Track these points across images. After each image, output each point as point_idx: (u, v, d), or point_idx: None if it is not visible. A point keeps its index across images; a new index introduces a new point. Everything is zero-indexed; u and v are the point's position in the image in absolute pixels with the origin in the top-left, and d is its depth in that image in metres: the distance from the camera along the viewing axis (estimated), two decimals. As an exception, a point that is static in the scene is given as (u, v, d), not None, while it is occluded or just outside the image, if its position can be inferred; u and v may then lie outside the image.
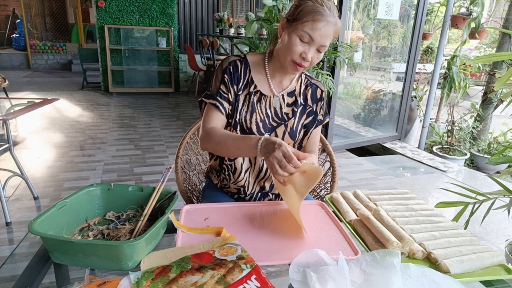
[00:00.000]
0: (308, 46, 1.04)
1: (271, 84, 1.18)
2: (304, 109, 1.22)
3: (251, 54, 1.20)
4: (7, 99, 2.99)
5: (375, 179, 3.20)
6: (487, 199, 1.48)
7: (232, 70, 1.15)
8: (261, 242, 0.88)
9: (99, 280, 0.70)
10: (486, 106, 4.16)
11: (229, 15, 6.84)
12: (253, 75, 1.17)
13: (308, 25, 1.02)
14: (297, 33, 1.03)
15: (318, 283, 0.70)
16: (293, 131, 1.20)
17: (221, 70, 1.16)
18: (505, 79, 1.41)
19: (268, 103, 1.18)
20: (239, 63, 1.16)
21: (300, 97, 1.21)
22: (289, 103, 1.20)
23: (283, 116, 1.20)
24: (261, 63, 1.18)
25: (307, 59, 1.05)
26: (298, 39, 1.04)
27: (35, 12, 9.24)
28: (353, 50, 4.19)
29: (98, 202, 0.97)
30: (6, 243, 2.04)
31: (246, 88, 1.17)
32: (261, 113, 1.18)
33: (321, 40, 1.03)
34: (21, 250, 0.87)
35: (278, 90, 1.19)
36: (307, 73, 1.26)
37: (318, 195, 1.49)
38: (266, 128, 1.18)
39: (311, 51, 1.05)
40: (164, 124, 4.59)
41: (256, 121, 1.16)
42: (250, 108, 1.16)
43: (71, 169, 3.05)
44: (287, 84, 1.20)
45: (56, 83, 7.03)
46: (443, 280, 0.76)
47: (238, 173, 1.22)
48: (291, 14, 1.07)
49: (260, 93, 1.17)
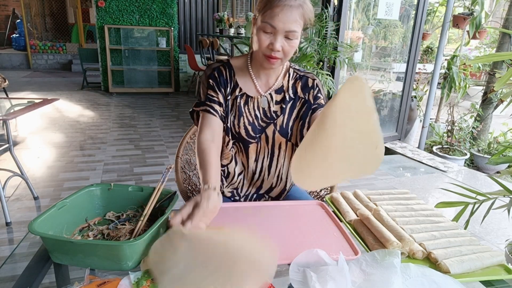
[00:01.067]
0: (273, 36, 1.00)
1: (257, 84, 1.15)
2: (295, 103, 1.18)
3: (234, 58, 1.19)
4: (7, 99, 2.99)
5: (375, 179, 3.20)
6: (487, 199, 1.48)
7: (217, 75, 1.13)
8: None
9: (99, 280, 0.70)
10: (486, 106, 4.15)
11: (229, 15, 6.84)
12: (237, 78, 1.15)
13: (267, 14, 0.98)
14: (260, 26, 1.00)
15: (318, 283, 0.70)
16: (283, 129, 1.17)
17: (205, 77, 1.15)
18: (505, 79, 1.41)
19: (256, 104, 1.16)
20: (223, 68, 1.14)
21: (288, 92, 1.17)
22: (278, 100, 1.17)
23: (272, 115, 1.17)
24: (245, 65, 1.16)
25: (276, 49, 1.00)
26: (262, 31, 1.00)
27: (35, 12, 9.23)
28: (353, 50, 4.19)
29: (98, 202, 0.97)
30: (6, 243, 2.04)
31: (233, 93, 1.15)
32: (249, 116, 1.16)
33: (284, 25, 0.97)
34: (21, 250, 0.88)
35: (264, 89, 1.16)
36: (296, 67, 1.22)
37: (318, 195, 1.49)
38: (256, 130, 1.16)
39: (278, 40, 0.99)
40: (164, 124, 4.59)
41: (244, 125, 1.15)
42: (237, 112, 1.14)
43: (71, 169, 3.05)
44: (273, 81, 1.17)
45: (56, 83, 7.03)
46: (443, 280, 0.76)
47: (232, 177, 1.23)
48: (256, 9, 1.04)
49: (246, 95, 1.15)
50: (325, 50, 3.13)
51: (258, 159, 1.21)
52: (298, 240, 0.90)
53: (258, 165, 1.22)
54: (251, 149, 1.18)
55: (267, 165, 1.22)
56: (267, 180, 1.24)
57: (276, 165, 1.23)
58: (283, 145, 1.20)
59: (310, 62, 2.98)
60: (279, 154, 1.21)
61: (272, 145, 1.19)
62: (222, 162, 1.21)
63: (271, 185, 1.26)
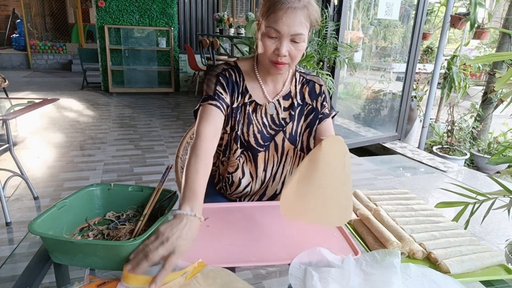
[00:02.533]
0: (278, 40, 0.96)
1: (265, 90, 1.11)
2: (303, 109, 1.15)
3: (241, 61, 1.14)
4: (7, 99, 2.99)
5: (375, 179, 3.20)
6: (487, 199, 1.48)
7: (228, 75, 1.09)
8: (261, 242, 0.88)
9: (99, 280, 0.70)
10: (486, 106, 4.16)
11: (229, 15, 6.84)
12: (247, 83, 1.11)
13: (271, 18, 0.94)
14: (264, 31, 0.97)
15: (319, 283, 0.70)
16: (292, 136, 1.14)
17: (214, 75, 1.09)
18: (505, 79, 1.41)
19: (263, 111, 1.12)
20: (232, 72, 1.10)
21: (296, 98, 1.14)
22: (286, 107, 1.13)
23: (281, 122, 1.13)
24: (252, 70, 1.12)
25: (282, 54, 0.96)
26: (267, 37, 0.97)
27: (35, 12, 9.23)
28: (353, 50, 4.19)
29: (98, 202, 0.97)
30: (6, 243, 2.04)
31: (242, 99, 1.10)
32: (258, 124, 1.12)
33: (289, 29, 0.93)
34: (21, 250, 0.88)
35: (272, 96, 1.12)
36: (301, 70, 1.18)
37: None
38: (264, 138, 1.12)
39: (284, 45, 0.95)
40: (164, 124, 4.59)
41: (253, 133, 1.11)
42: (247, 120, 1.10)
43: (71, 169, 3.05)
44: (280, 87, 1.13)
45: (56, 83, 7.03)
46: (443, 280, 0.76)
47: (236, 186, 1.18)
48: (260, 13, 1.00)
49: (255, 103, 1.11)
50: (325, 50, 3.13)
51: (267, 168, 1.17)
52: (298, 240, 0.90)
53: (266, 175, 1.17)
54: (260, 158, 1.14)
55: (274, 173, 1.18)
56: (271, 187, 1.21)
57: (282, 172, 1.19)
58: (290, 152, 1.16)
59: (310, 62, 2.98)
60: (285, 161, 1.17)
61: (281, 153, 1.16)
62: (228, 170, 1.16)
63: (274, 192, 1.22)
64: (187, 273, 0.73)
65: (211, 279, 0.71)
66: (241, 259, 0.81)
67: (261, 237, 0.90)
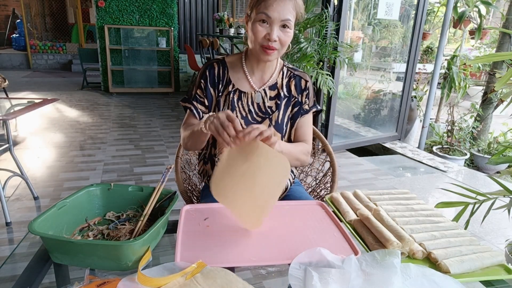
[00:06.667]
0: (269, 26, 1.04)
1: (251, 80, 1.19)
2: (289, 101, 1.23)
3: (229, 56, 1.23)
4: (7, 99, 2.99)
5: (375, 179, 3.20)
6: (487, 199, 1.48)
7: (209, 73, 1.19)
8: (261, 242, 0.88)
9: (99, 280, 0.70)
10: (486, 106, 4.15)
11: (229, 15, 6.84)
12: (230, 75, 1.19)
13: (262, 6, 1.03)
14: (255, 18, 1.05)
15: (320, 283, 0.70)
16: (278, 124, 1.21)
17: (199, 75, 1.20)
18: (505, 79, 1.41)
19: (249, 99, 1.19)
20: (216, 65, 1.19)
21: (282, 90, 1.21)
22: (272, 96, 1.21)
23: (267, 110, 1.21)
24: (239, 62, 1.20)
25: (273, 39, 1.04)
26: (257, 23, 1.04)
27: (35, 12, 9.24)
28: (353, 50, 4.19)
29: (98, 202, 0.97)
30: (6, 243, 2.04)
31: (226, 89, 1.19)
32: (243, 110, 1.19)
33: (279, 15, 1.03)
34: (21, 250, 0.87)
35: (258, 85, 1.20)
36: (289, 66, 1.26)
37: (318, 195, 1.49)
38: (248, 124, 1.17)
39: (275, 30, 1.04)
40: (164, 124, 4.59)
41: None
42: (230, 107, 1.18)
43: (71, 169, 3.05)
44: (267, 78, 1.21)
45: (56, 83, 7.03)
46: (443, 280, 0.76)
47: None
48: (249, 7, 1.09)
49: (239, 91, 1.19)
50: (325, 50, 3.13)
51: None
52: (298, 240, 0.90)
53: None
54: None
55: None
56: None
57: None
58: None
59: (310, 62, 2.98)
60: None
61: None
62: (215, 153, 1.23)
63: None
64: (187, 274, 0.73)
65: (211, 279, 0.71)
66: (241, 259, 0.81)
67: (261, 237, 0.90)
